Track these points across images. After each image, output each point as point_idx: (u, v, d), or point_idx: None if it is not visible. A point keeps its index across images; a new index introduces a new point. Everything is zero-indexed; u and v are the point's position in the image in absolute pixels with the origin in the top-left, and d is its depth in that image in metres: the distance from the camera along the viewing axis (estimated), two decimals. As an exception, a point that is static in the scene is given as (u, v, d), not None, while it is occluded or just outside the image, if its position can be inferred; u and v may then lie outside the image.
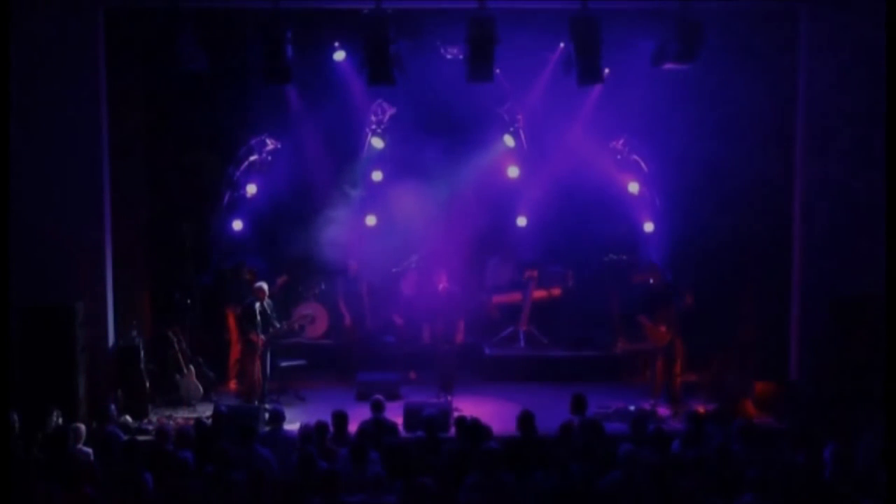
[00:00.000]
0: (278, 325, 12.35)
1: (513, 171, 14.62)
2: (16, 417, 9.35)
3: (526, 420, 9.30)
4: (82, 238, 11.66)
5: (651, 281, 12.63)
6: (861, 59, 11.34)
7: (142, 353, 12.05)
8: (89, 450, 9.06)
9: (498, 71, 11.42)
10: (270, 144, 14.30)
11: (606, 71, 11.68)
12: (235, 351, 13.32)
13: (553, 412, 10.32)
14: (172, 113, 13.53)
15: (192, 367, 12.66)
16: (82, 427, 9.41)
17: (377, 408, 9.98)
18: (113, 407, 10.12)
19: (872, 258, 10.71)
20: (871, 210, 10.96)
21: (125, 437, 9.45)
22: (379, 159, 14.55)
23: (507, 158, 14.63)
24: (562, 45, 12.58)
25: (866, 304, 11.05)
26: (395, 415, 10.64)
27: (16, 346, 10.78)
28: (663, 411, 11.91)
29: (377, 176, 14.55)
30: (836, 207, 11.79)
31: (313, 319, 13.93)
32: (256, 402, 11.72)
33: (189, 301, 13.42)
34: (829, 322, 11.52)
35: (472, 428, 9.08)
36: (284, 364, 12.89)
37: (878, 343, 9.80)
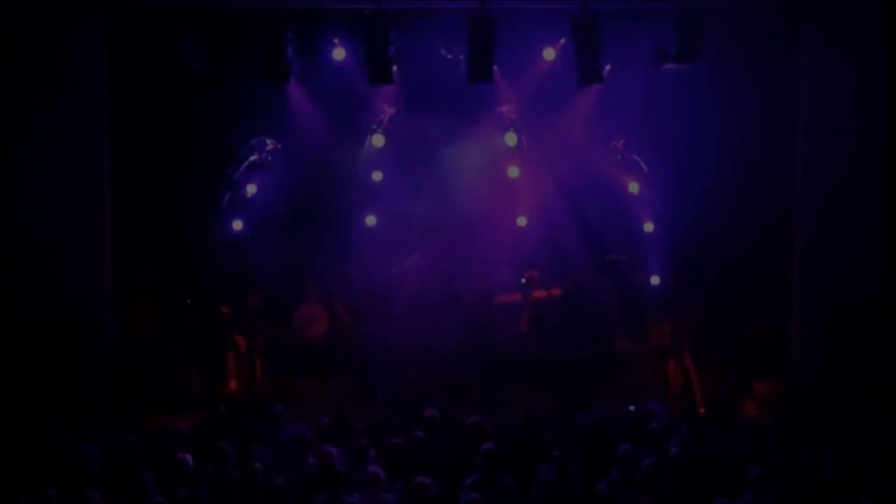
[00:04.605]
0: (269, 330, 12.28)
1: (513, 171, 14.60)
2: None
3: (527, 421, 9.31)
4: (82, 238, 11.67)
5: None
6: (861, 59, 11.33)
7: (142, 354, 12.05)
8: (90, 451, 9.05)
9: (498, 70, 11.42)
10: (270, 144, 14.28)
11: (607, 67, 11.68)
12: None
13: (553, 412, 10.33)
14: (172, 113, 13.53)
15: (192, 368, 12.67)
16: (81, 428, 9.40)
17: (377, 410, 9.98)
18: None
19: (873, 259, 10.70)
20: (872, 210, 10.96)
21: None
22: (379, 159, 14.54)
23: (507, 158, 14.62)
24: (562, 40, 12.58)
25: (866, 305, 11.05)
26: (394, 415, 10.64)
27: (17, 346, 10.77)
28: (663, 411, 11.91)
29: (377, 176, 14.54)
30: (837, 207, 11.78)
31: (314, 320, 13.93)
32: (256, 403, 11.72)
33: (189, 301, 13.43)
34: (829, 323, 11.52)
35: (473, 428, 9.08)
36: (284, 364, 12.87)
37: (878, 344, 9.81)
